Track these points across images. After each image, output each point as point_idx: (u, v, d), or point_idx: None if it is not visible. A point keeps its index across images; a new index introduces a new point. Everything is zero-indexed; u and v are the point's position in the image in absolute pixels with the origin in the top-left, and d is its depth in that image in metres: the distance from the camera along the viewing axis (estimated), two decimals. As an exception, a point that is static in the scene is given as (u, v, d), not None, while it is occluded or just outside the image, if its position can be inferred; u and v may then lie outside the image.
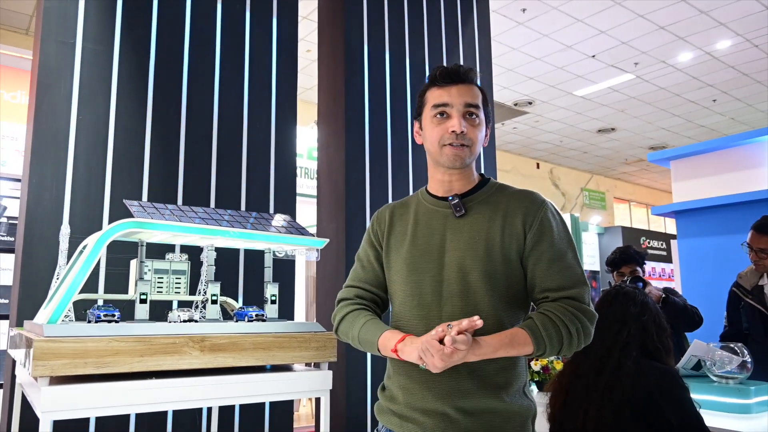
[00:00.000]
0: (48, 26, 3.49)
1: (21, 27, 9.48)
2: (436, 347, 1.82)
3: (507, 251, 2.08)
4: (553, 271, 2.05)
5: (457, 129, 2.12)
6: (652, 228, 19.55)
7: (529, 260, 2.09)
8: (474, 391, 2.02)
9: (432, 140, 2.19)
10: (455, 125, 2.13)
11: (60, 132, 3.45)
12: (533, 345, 1.94)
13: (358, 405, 4.34)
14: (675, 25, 9.92)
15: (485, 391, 2.03)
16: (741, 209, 6.53)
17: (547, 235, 2.09)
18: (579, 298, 2.02)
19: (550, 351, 1.96)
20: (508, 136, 15.88)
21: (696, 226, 5.39)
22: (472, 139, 2.16)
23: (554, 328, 1.94)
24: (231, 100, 4.11)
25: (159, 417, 3.52)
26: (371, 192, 4.64)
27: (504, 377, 2.06)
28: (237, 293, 3.90)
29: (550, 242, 2.08)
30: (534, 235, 2.09)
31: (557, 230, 2.12)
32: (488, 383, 2.04)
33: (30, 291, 3.23)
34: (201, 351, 2.42)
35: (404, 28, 5.15)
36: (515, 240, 2.09)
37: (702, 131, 15.68)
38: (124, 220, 2.49)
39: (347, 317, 2.26)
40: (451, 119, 2.15)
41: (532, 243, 2.08)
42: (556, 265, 2.06)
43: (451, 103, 2.16)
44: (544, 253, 2.07)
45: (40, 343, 2.09)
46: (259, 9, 4.34)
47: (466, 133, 2.14)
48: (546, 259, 2.06)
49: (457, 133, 2.12)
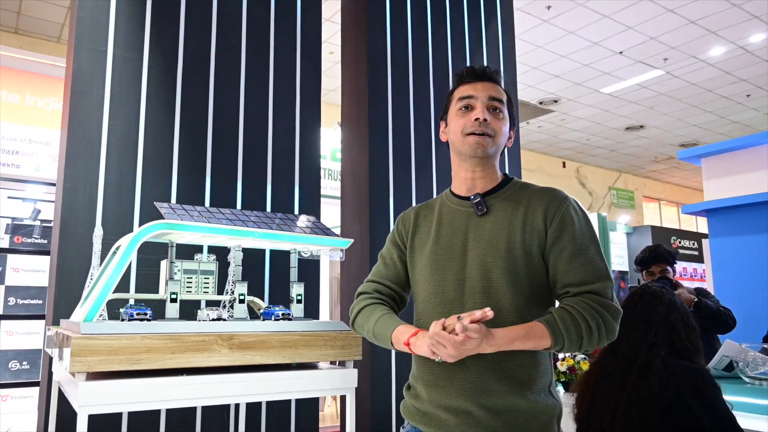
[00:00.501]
0: (81, 35, 3.60)
1: (53, 35, 9.62)
2: (446, 337, 1.85)
3: (528, 248, 2.10)
4: (574, 266, 2.05)
5: (480, 116, 2.17)
6: (683, 227, 19.25)
7: (551, 256, 2.10)
8: (497, 388, 2.03)
9: (456, 131, 2.24)
10: (479, 113, 2.18)
11: (93, 137, 3.55)
12: (551, 338, 1.93)
13: (383, 403, 4.36)
14: (706, 19, 9.75)
15: (508, 388, 2.04)
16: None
17: (568, 230, 2.09)
18: (601, 293, 2.01)
19: (569, 345, 1.95)
20: (533, 135, 15.76)
21: (728, 225, 5.33)
22: (495, 129, 2.20)
23: (573, 321, 1.94)
24: (256, 102, 4.18)
25: (188, 414, 3.59)
26: (395, 193, 4.66)
27: (527, 374, 2.06)
28: (263, 293, 3.96)
29: (571, 237, 2.08)
30: (555, 230, 2.10)
31: (579, 225, 2.12)
32: (511, 380, 2.04)
33: (65, 291, 3.32)
34: (230, 349, 2.47)
35: (427, 29, 5.17)
36: (536, 236, 2.11)
37: (735, 127, 15.39)
38: (156, 222, 2.56)
39: (364, 310, 2.32)
40: (475, 110, 2.20)
41: (553, 238, 2.09)
42: (578, 260, 2.05)
43: (475, 95, 2.22)
44: (565, 248, 2.07)
45: (78, 340, 2.16)
46: (283, 12, 4.40)
47: (489, 122, 2.18)
48: (567, 255, 2.07)
49: (480, 121, 2.17)
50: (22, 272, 6.08)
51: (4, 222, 6.21)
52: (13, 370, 5.87)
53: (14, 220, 6.20)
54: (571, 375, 4.07)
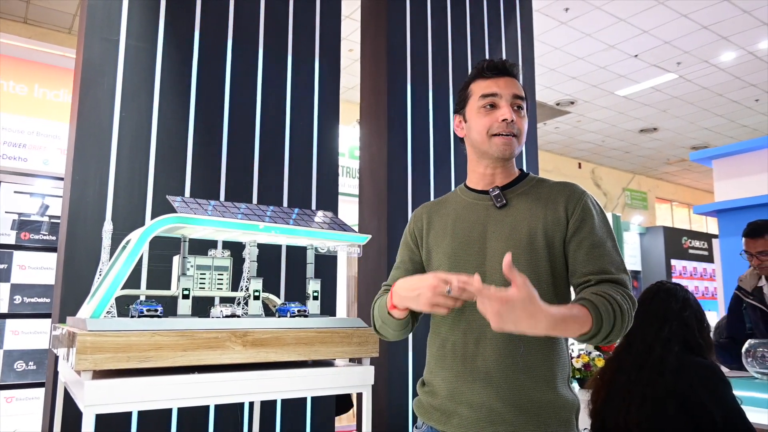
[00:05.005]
0: (92, 23, 3.51)
1: (64, 26, 9.57)
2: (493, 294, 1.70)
3: (550, 239, 2.07)
4: (594, 256, 2.02)
5: (508, 117, 2.12)
6: (694, 228, 19.39)
7: (571, 246, 2.07)
8: (520, 382, 1.99)
9: (479, 130, 2.18)
10: (506, 113, 2.12)
11: (103, 129, 3.46)
12: (591, 322, 1.82)
13: (399, 401, 4.31)
14: (718, 24, 9.81)
15: (531, 382, 2.00)
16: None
17: (589, 222, 2.07)
18: (623, 284, 1.97)
19: (605, 329, 1.84)
20: (550, 135, 15.79)
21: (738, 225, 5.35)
22: (520, 129, 2.17)
23: (610, 305, 1.85)
24: (274, 97, 4.10)
25: (201, 412, 3.52)
26: (413, 190, 4.62)
27: (549, 367, 2.03)
28: (279, 290, 3.89)
29: (591, 229, 2.06)
30: (576, 221, 2.07)
31: (598, 218, 2.10)
32: (534, 374, 2.01)
33: (72, 288, 3.24)
34: (243, 346, 2.40)
35: (447, 26, 5.12)
36: (558, 227, 2.08)
37: (744, 131, 15.52)
38: (167, 216, 2.48)
39: (373, 309, 2.30)
40: (500, 109, 2.15)
41: (574, 229, 2.07)
42: (598, 251, 2.03)
43: (500, 93, 2.16)
44: (585, 239, 2.05)
45: (84, 337, 2.08)
46: (302, 6, 4.33)
47: (515, 122, 2.14)
48: (587, 245, 2.04)
49: (507, 122, 2.12)
50: (29, 269, 5.98)
51: (11, 218, 6.11)
52: (18, 371, 5.79)
53: (21, 215, 6.11)
54: (586, 371, 4.12)
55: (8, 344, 5.80)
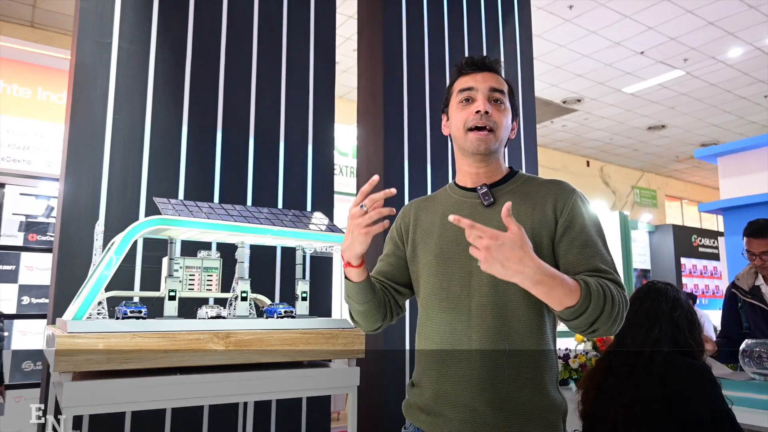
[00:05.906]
0: (84, 26, 3.52)
1: (70, 29, 9.55)
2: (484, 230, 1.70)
3: (538, 239, 2.02)
4: (585, 255, 1.98)
5: (482, 109, 2.10)
6: (704, 226, 19.23)
7: (561, 246, 2.03)
8: (506, 383, 1.96)
9: (457, 125, 2.18)
10: (479, 105, 2.11)
11: (96, 131, 3.47)
12: (579, 294, 1.76)
13: (396, 401, 4.27)
14: (724, 20, 9.74)
15: (517, 384, 1.97)
16: (789, 205, 6.41)
17: (578, 221, 2.03)
18: (617, 282, 1.92)
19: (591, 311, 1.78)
20: (557, 134, 15.74)
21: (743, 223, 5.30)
22: (497, 122, 2.14)
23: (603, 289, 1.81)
24: (268, 97, 4.10)
25: (195, 414, 3.52)
26: (410, 190, 4.61)
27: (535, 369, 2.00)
28: (274, 291, 3.88)
29: (581, 227, 2.02)
30: (565, 220, 2.04)
31: (588, 217, 2.07)
32: (520, 376, 1.98)
33: (66, 289, 3.22)
34: (226, 347, 2.41)
35: (443, 26, 5.11)
36: (546, 227, 2.05)
37: (753, 127, 15.42)
38: (150, 218, 2.50)
39: None
40: (475, 102, 2.14)
41: (563, 228, 2.03)
42: (589, 249, 1.99)
43: (476, 87, 2.15)
44: (576, 239, 2.01)
45: (63, 339, 2.10)
46: (297, 6, 4.33)
47: (491, 114, 2.12)
48: (578, 244, 2.00)
49: (481, 113, 2.10)
50: (36, 270, 6.03)
51: (18, 219, 6.16)
52: (26, 371, 5.83)
53: (28, 217, 6.16)
54: (582, 372, 4.06)
55: (16, 344, 5.84)
